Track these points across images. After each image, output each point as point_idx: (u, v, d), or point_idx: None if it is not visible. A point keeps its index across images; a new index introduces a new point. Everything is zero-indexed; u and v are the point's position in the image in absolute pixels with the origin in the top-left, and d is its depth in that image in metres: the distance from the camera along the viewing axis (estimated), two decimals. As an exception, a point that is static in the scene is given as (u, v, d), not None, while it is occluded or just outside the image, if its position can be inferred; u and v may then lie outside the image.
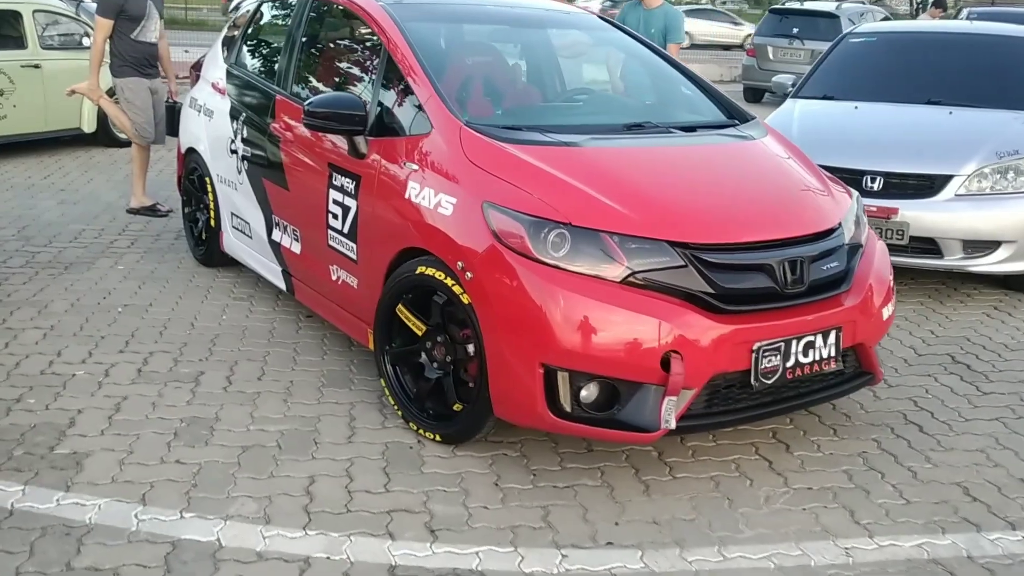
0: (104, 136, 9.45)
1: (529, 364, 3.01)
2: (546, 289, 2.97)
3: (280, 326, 4.61)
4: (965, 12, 14.71)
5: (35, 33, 8.72)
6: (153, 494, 3.01)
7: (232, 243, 5.15)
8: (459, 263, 3.16)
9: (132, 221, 6.59)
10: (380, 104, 3.78)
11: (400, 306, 3.48)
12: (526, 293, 3.00)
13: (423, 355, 3.47)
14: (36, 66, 8.69)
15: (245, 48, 5.25)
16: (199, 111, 5.41)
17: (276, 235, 4.57)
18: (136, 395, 3.72)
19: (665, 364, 2.94)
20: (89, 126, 9.28)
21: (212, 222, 5.32)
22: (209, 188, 5.29)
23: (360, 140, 3.74)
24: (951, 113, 5.81)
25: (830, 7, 15.13)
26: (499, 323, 3.07)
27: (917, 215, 5.17)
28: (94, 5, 13.87)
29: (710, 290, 3.03)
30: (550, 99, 4.21)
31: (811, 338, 3.19)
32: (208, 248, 5.46)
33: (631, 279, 3.00)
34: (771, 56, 14.89)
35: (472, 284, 3.13)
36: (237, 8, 5.65)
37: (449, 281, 3.24)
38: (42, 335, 4.32)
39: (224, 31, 5.61)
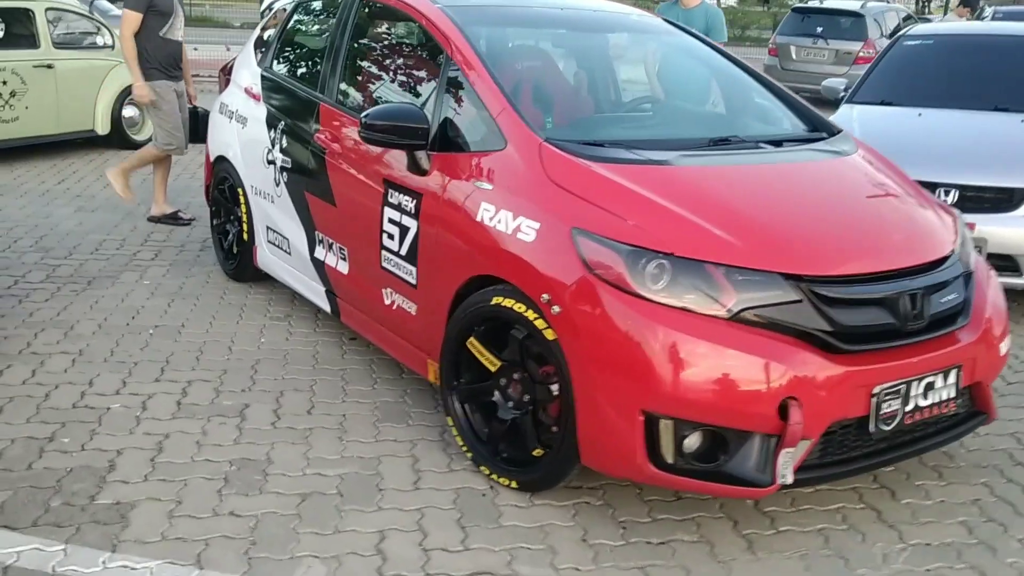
0: (118, 138, 9.13)
1: (627, 411, 2.71)
2: (648, 327, 2.66)
3: (323, 350, 4.30)
4: (990, 11, 14.37)
5: (47, 32, 8.40)
6: (209, 554, 2.70)
7: (268, 259, 4.84)
8: (544, 295, 2.86)
9: (154, 230, 6.28)
10: (442, 116, 3.47)
11: (472, 339, 3.17)
12: (625, 331, 2.69)
13: (496, 393, 3.17)
14: (49, 66, 8.38)
15: (281, 51, 4.93)
16: (230, 118, 5.10)
17: (319, 253, 4.27)
18: (178, 432, 3.42)
19: (783, 412, 2.63)
20: (103, 128, 8.97)
21: (245, 235, 5.00)
22: (242, 199, 4.98)
23: (422, 155, 3.44)
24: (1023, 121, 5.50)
25: (855, 5, 14.80)
26: (592, 364, 2.77)
27: (995, 231, 4.87)
28: (105, 3, 13.55)
29: (828, 328, 2.72)
30: (620, 109, 3.90)
31: (931, 379, 2.89)
32: (240, 263, 5.15)
33: (741, 316, 2.69)
34: (794, 56, 14.57)
35: (559, 319, 2.83)
36: (270, 9, 5.33)
37: (530, 314, 2.93)
38: (71, 361, 4.01)
39: (255, 33, 5.29)
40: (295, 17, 4.95)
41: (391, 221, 3.63)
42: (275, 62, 4.91)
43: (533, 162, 3.08)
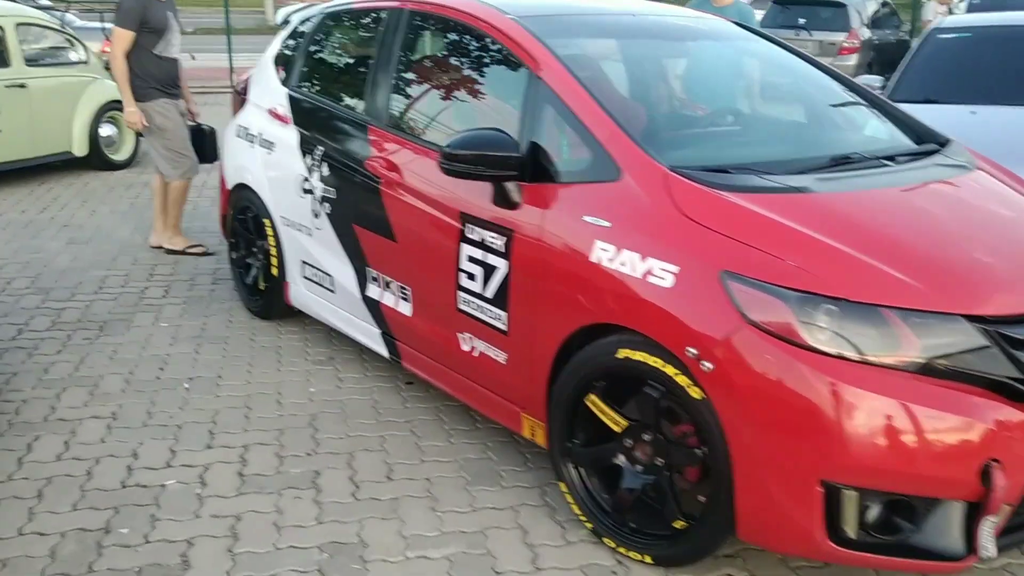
0: (96, 159, 8.60)
1: (803, 481, 2.37)
2: (826, 385, 2.32)
3: (382, 398, 3.90)
4: (965, 2, 14.28)
5: (18, 49, 7.85)
6: (329, 674, 2.31)
7: (303, 296, 4.42)
8: (690, 349, 2.50)
9: (157, 262, 5.81)
10: (529, 142, 3.09)
11: (592, 397, 2.80)
12: (797, 391, 2.34)
13: (621, 456, 2.81)
14: (21, 85, 7.84)
15: (310, 69, 4.51)
16: (251, 142, 4.66)
17: (373, 292, 3.86)
18: (250, 512, 3.00)
19: (984, 476, 2.31)
20: (80, 149, 8.44)
21: (273, 270, 4.58)
22: (269, 232, 4.55)
23: (512, 187, 3.05)
24: (1082, 116, 5.26)
25: (835, -5, 14.63)
26: (755, 427, 2.42)
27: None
28: (76, 20, 12.90)
29: (1021, 375, 2.40)
30: (711, 125, 3.54)
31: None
32: (268, 300, 4.72)
33: (926, 366, 2.35)
34: (777, 48, 14.34)
35: (711, 377, 2.47)
36: (287, 22, 4.89)
37: (670, 369, 2.57)
38: (106, 428, 3.56)
39: (274, 47, 4.85)
40: (323, 32, 4.53)
41: (472, 260, 3.25)
42: (304, 81, 4.48)
43: (659, 194, 2.71)
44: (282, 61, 4.70)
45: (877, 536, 2.41)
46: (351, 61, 4.40)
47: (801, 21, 14.26)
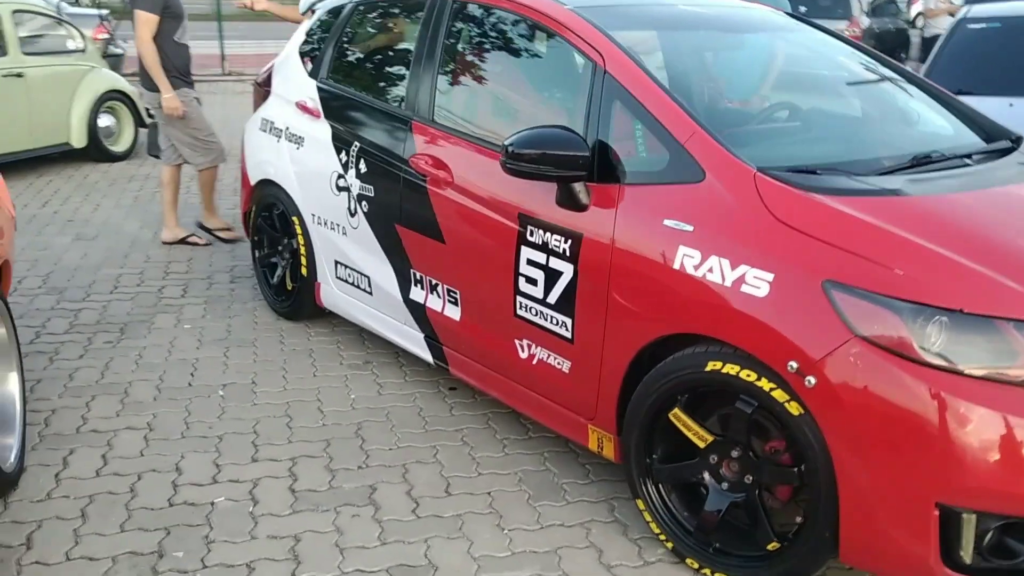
0: (95, 150, 8.36)
1: (917, 504, 2.24)
2: (943, 402, 2.19)
3: (426, 405, 3.75)
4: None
5: (15, 37, 7.59)
6: None
7: (336, 297, 4.25)
8: (791, 363, 2.36)
9: (171, 259, 5.62)
10: (595, 141, 2.93)
11: (677, 412, 2.66)
12: (913, 409, 2.21)
13: (705, 472, 2.67)
14: (19, 75, 7.59)
15: (342, 60, 4.32)
16: (279, 136, 4.48)
17: (416, 294, 3.71)
18: (309, 532, 2.85)
19: (1112, 497, 2.19)
20: (79, 140, 8.20)
21: (303, 270, 4.40)
22: (298, 230, 4.38)
23: (579, 188, 2.90)
24: (1123, 109, 5.15)
25: (835, -17, 14.51)
26: (865, 446, 2.29)
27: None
28: (67, 7, 12.60)
29: None
30: (794, 122, 3.37)
31: None
32: (296, 301, 4.55)
33: (1047, 382, 2.23)
34: (777, 37, 14.23)
35: (815, 393, 2.33)
36: (312, 10, 4.70)
37: (764, 383, 2.44)
38: (143, 440, 3.39)
39: (298, 37, 4.66)
40: (357, 22, 4.34)
41: (532, 263, 3.10)
42: (335, 73, 4.30)
43: (749, 197, 2.57)
44: (309, 52, 4.51)
45: (992, 560, 2.29)
46: (389, 53, 4.22)
47: (803, 9, 14.11)
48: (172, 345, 4.30)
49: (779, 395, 2.42)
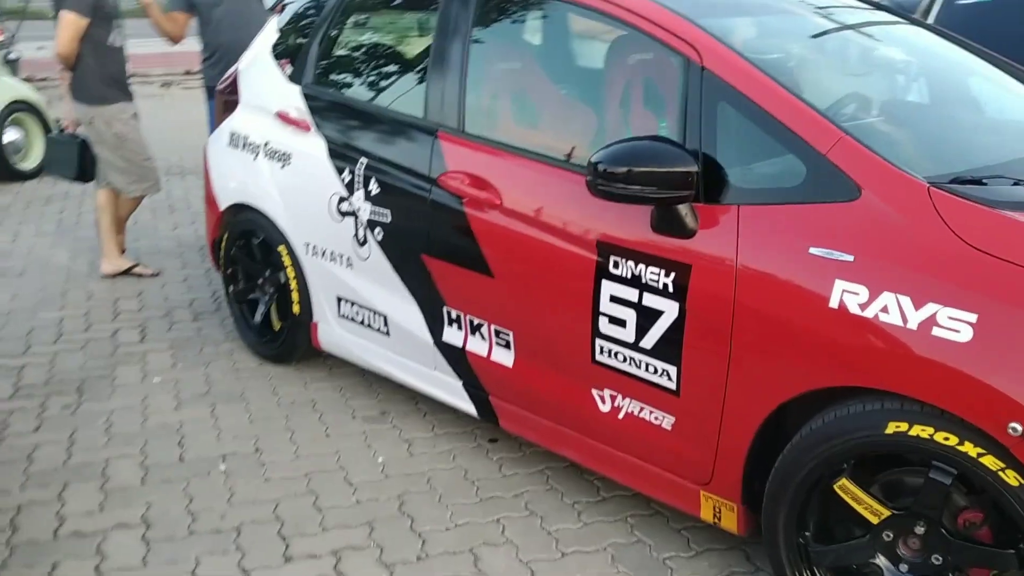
0: (2, 169, 7.46)
1: None
2: None
3: (469, 465, 3.20)
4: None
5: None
6: None
7: (340, 339, 3.65)
8: (1015, 425, 1.90)
9: (118, 295, 4.89)
10: (700, 152, 2.43)
11: (845, 482, 2.18)
12: None
13: (880, 554, 2.20)
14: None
15: (336, 59, 3.71)
16: (255, 153, 3.84)
17: (452, 336, 3.15)
18: (383, 658, 2.28)
19: None
20: (-17, 159, 7.27)
21: (295, 307, 3.78)
22: (287, 261, 3.75)
23: (685, 210, 2.40)
24: None
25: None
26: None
27: None
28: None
29: None
30: (929, 121, 2.89)
31: None
32: (286, 343, 3.92)
33: None
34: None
35: (1048, 460, 1.89)
36: (283, 4, 4.06)
37: (970, 449, 1.98)
38: (141, 540, 2.75)
39: (270, 36, 4.01)
40: (351, 13, 3.72)
41: (618, 300, 2.58)
42: (327, 75, 3.68)
43: (926, 218, 2.10)
44: (287, 52, 3.87)
45: None
46: (398, 48, 3.61)
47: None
48: (145, 406, 3.63)
49: (990, 462, 1.97)
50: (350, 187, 3.38)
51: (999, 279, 1.98)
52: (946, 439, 2.01)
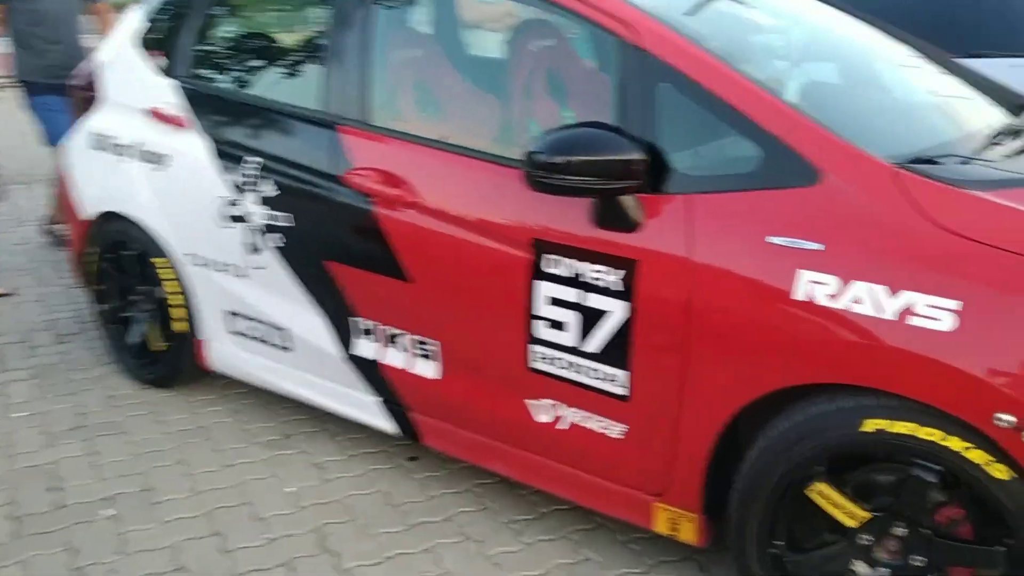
0: None
1: None
2: None
3: (390, 487, 2.93)
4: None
5: None
6: None
7: (233, 357, 3.31)
8: (1002, 416, 1.80)
9: (-37, 321, 4.35)
10: (641, 139, 2.25)
11: (821, 486, 2.04)
12: None
13: (858, 560, 2.08)
14: None
15: (216, 48, 3.35)
16: (122, 155, 3.44)
17: (364, 349, 2.88)
18: None
19: None
20: None
21: (178, 325, 3.41)
22: (167, 275, 3.38)
23: (630, 201, 2.21)
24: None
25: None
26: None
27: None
28: None
29: None
30: (871, 103, 2.76)
31: None
32: (169, 365, 3.54)
33: None
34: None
35: (1041, 451, 1.79)
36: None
37: (956, 443, 1.87)
38: (19, 609, 2.36)
39: (134, 24, 3.61)
40: (225, -1, 3.37)
41: (556, 302, 2.37)
42: (206, 67, 3.32)
43: (893, 201, 1.98)
44: (157, 42, 3.48)
45: None
46: (290, 34, 3.28)
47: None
48: (11, 446, 3.19)
49: (977, 456, 1.86)
50: (240, 190, 3.04)
51: (979, 263, 1.87)
52: (929, 435, 1.89)
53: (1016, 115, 2.77)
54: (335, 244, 2.83)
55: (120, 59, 3.59)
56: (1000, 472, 1.85)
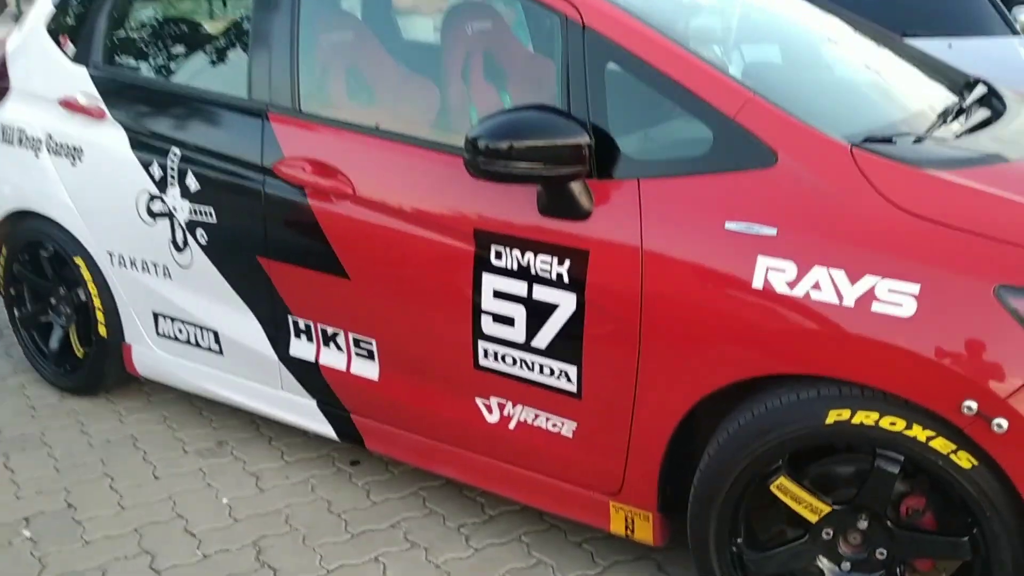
0: None
1: None
2: None
3: (331, 495, 2.79)
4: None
5: None
6: None
7: (160, 361, 3.13)
8: (967, 403, 1.74)
9: None
10: (588, 122, 2.14)
11: (783, 481, 1.96)
12: None
13: (820, 556, 2.01)
14: None
15: (131, 33, 3.15)
16: (35, 149, 3.23)
17: (301, 350, 2.73)
18: None
19: None
20: None
21: (101, 329, 3.21)
22: (86, 275, 3.19)
23: (577, 187, 2.11)
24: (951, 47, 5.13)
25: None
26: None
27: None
28: None
29: None
30: (819, 82, 2.67)
31: None
32: (91, 371, 3.34)
33: None
34: None
35: (1007, 438, 1.73)
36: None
37: (919, 432, 1.81)
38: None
39: (43, 11, 3.38)
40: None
41: (502, 296, 2.26)
42: (120, 53, 3.13)
43: (852, 183, 1.90)
44: (66, 28, 3.27)
45: None
46: (210, 17, 3.09)
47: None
48: (-83, 464, 2.97)
49: (941, 445, 1.80)
50: (162, 184, 2.87)
51: (940, 245, 1.80)
52: (892, 424, 1.82)
53: (960, 94, 2.72)
54: (266, 239, 2.67)
55: (28, 47, 3.36)
56: (964, 461, 1.79)
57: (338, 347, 2.65)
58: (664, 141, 2.15)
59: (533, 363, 2.27)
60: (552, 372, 2.24)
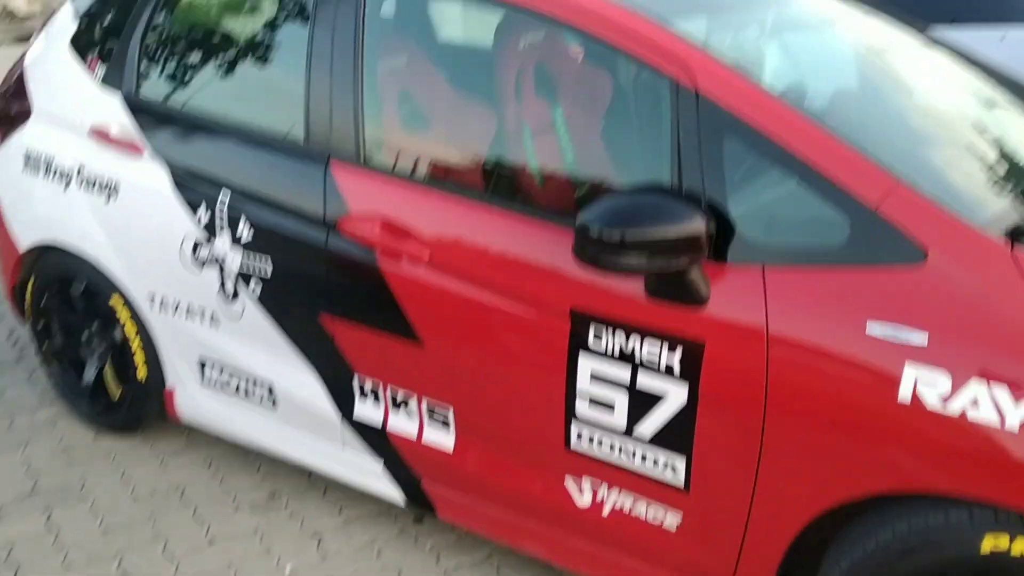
0: None
1: None
2: None
3: (398, 557, 2.65)
4: None
5: None
6: None
7: (208, 410, 2.95)
8: None
9: None
10: (704, 200, 1.95)
11: (927, 606, 1.83)
12: None
13: None
14: None
15: (172, 57, 2.90)
16: (66, 181, 2.99)
17: (367, 413, 2.56)
18: None
19: None
20: None
21: (140, 371, 3.03)
22: (124, 315, 2.99)
23: (694, 271, 1.92)
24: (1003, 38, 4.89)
25: None
26: None
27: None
28: None
29: None
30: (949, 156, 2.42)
31: None
32: (131, 412, 3.16)
33: None
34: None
35: None
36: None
37: (1085, 564, 1.67)
38: None
39: (65, 23, 3.12)
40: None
41: (601, 380, 2.09)
42: (155, 79, 2.88)
43: (1015, 287, 1.73)
44: (93, 47, 3.02)
45: None
46: (262, 39, 2.81)
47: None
48: (-45, 521, 2.80)
49: (1110, 578, 1.66)
50: (210, 229, 2.66)
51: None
52: (1056, 555, 1.68)
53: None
54: (329, 297, 2.48)
55: (47, 62, 3.12)
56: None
57: (407, 413, 2.48)
58: (791, 224, 1.96)
59: (635, 451, 2.11)
60: (656, 463, 2.09)
